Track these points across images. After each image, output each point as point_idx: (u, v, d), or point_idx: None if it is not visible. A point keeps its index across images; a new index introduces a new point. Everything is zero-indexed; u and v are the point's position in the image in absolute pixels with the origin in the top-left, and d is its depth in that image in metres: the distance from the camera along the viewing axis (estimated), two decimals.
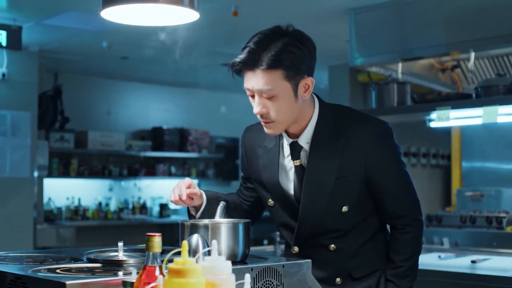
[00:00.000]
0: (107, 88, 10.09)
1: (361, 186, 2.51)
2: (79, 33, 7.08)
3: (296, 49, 2.40)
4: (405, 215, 2.57)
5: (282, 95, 2.40)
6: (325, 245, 2.57)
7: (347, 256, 2.57)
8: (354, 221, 2.56)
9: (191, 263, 1.49)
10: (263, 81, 2.38)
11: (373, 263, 2.61)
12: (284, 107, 2.42)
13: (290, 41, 2.41)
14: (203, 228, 2.25)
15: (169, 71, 9.50)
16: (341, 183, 2.48)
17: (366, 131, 2.50)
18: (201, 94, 11.01)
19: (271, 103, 2.42)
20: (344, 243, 2.57)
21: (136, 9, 2.49)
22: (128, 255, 2.36)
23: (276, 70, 2.37)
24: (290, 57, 2.38)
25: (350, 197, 2.51)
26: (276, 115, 2.43)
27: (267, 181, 2.62)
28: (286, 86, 2.39)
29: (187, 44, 7.60)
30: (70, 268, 2.16)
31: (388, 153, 2.55)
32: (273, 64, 2.36)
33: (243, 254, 2.29)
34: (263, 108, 2.43)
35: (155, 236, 1.70)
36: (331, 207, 2.51)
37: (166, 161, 10.53)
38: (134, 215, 10.04)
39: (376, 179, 2.52)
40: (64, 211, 9.36)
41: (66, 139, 9.22)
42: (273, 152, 2.61)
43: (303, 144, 2.54)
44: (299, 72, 2.41)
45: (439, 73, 5.57)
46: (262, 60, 2.37)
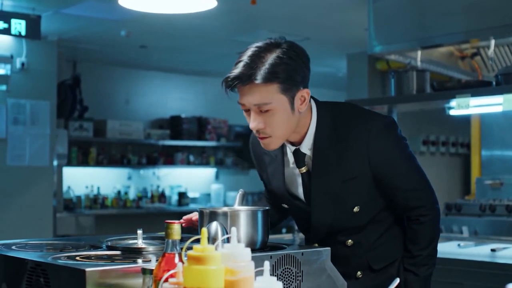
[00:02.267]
0: (126, 77, 10.12)
1: (369, 185, 2.48)
2: (98, 22, 7.10)
3: (291, 60, 2.35)
4: (418, 206, 2.54)
5: (278, 109, 2.34)
6: (343, 241, 2.56)
7: (366, 249, 2.57)
8: (368, 217, 2.55)
9: (211, 250, 1.49)
10: (259, 95, 2.33)
11: (392, 253, 2.60)
12: (281, 121, 2.37)
13: (284, 53, 2.35)
14: (222, 216, 2.25)
15: (187, 59, 9.51)
16: (348, 185, 2.46)
17: (366, 128, 2.45)
18: (219, 83, 10.93)
19: (267, 118, 2.36)
20: (361, 237, 2.56)
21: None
22: (147, 242, 2.36)
23: (272, 84, 2.31)
24: (285, 69, 2.32)
25: (360, 198, 2.49)
26: (273, 130, 2.38)
27: (276, 189, 2.63)
28: (282, 99, 2.34)
29: (205, 33, 7.61)
30: (90, 255, 2.17)
31: (392, 147, 2.50)
32: (268, 77, 2.30)
33: (262, 242, 2.29)
34: (259, 124, 2.37)
35: (174, 223, 1.70)
36: (342, 209, 2.50)
37: (185, 149, 10.54)
38: (153, 203, 10.08)
39: (384, 175, 2.48)
40: (83, 199, 9.41)
41: (85, 128, 9.25)
42: (278, 161, 2.59)
43: (305, 151, 2.50)
44: (295, 84, 2.35)
45: (458, 60, 5.54)
46: (257, 74, 2.30)
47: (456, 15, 5.42)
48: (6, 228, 7.21)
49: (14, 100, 7.42)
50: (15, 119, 7.44)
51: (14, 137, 7.42)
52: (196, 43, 8.35)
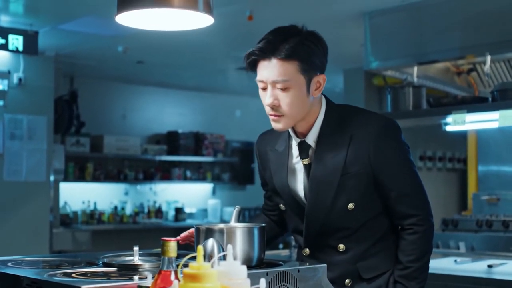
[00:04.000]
0: (123, 93, 10.13)
1: (367, 182, 2.50)
2: (95, 38, 7.11)
3: (312, 44, 2.46)
4: (412, 214, 2.53)
5: (295, 87, 2.43)
6: (334, 246, 2.56)
7: (357, 257, 2.56)
8: (362, 220, 2.54)
9: (206, 267, 1.49)
10: (279, 71, 2.42)
11: (383, 264, 2.58)
12: (296, 101, 2.45)
13: (306, 37, 2.46)
14: (218, 233, 2.25)
15: (184, 75, 9.52)
16: (346, 179, 2.48)
17: (371, 125, 2.51)
18: (217, 98, 11.03)
19: (283, 95, 2.44)
20: (353, 244, 2.55)
21: (151, 14, 2.49)
22: (144, 259, 2.36)
23: (292, 61, 2.41)
24: (306, 51, 2.43)
25: (356, 193, 2.50)
26: (287, 108, 2.45)
27: (277, 184, 2.65)
28: (300, 79, 2.43)
29: (202, 49, 7.63)
30: (86, 272, 2.17)
31: (394, 148, 2.53)
32: (290, 54, 2.40)
33: (258, 259, 2.29)
34: (275, 100, 2.45)
35: (170, 241, 1.70)
36: (337, 203, 2.50)
37: (182, 165, 10.54)
38: (149, 219, 10.06)
39: (382, 174, 2.50)
40: (80, 215, 9.39)
41: (82, 143, 9.25)
42: (283, 155, 2.63)
43: (310, 143, 2.55)
44: (313, 67, 2.46)
45: (454, 76, 5.55)
46: (279, 50, 2.41)
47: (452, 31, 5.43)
48: (2, 243, 7.19)
49: (11, 115, 7.42)
50: (12, 134, 7.44)
51: (11, 152, 7.41)
52: (193, 59, 8.37)
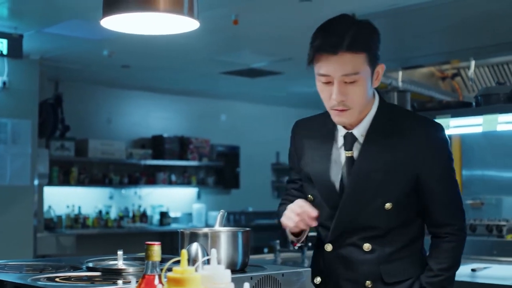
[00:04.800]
0: (108, 97, 10.11)
1: (408, 185, 2.45)
2: (80, 41, 7.10)
3: (373, 34, 2.40)
4: (450, 223, 2.50)
5: (363, 80, 2.36)
6: (360, 245, 2.49)
7: (381, 259, 2.48)
8: (394, 222, 2.48)
9: (190, 272, 1.49)
10: (349, 64, 2.33)
11: (407, 271, 2.52)
12: (362, 93, 2.38)
13: (366, 27, 2.40)
14: (202, 237, 2.25)
15: (169, 79, 9.52)
16: (391, 178, 2.42)
17: (424, 130, 2.46)
18: (202, 102, 11.03)
19: (352, 89, 2.36)
20: (380, 245, 2.48)
21: (136, 18, 2.49)
22: (128, 263, 2.35)
23: (361, 53, 2.33)
24: (370, 41, 2.37)
25: (396, 194, 2.44)
26: (354, 102, 2.38)
27: (315, 172, 2.55)
28: (367, 71, 2.37)
29: (187, 53, 7.63)
30: (70, 276, 2.16)
31: (442, 157, 2.49)
32: (358, 46, 2.32)
33: (242, 263, 2.29)
34: (343, 95, 2.36)
35: (154, 245, 1.70)
36: (375, 201, 2.44)
37: (167, 169, 10.53)
38: (134, 223, 10.04)
39: (428, 180, 2.45)
40: (64, 219, 9.36)
41: (67, 147, 9.22)
42: (327, 144, 2.54)
43: (358, 136, 2.48)
44: (377, 56, 2.40)
45: (439, 81, 5.57)
46: (346, 42, 2.31)
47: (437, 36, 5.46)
48: None
49: None
50: None
51: None
52: (178, 63, 8.36)
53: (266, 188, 11.98)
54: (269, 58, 7.95)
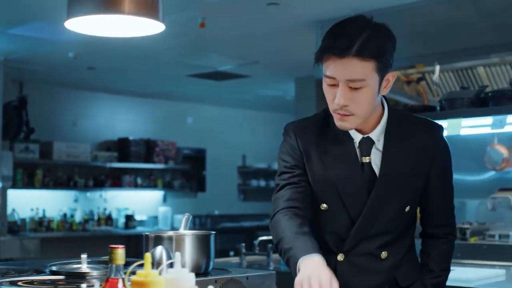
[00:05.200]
0: (73, 99, 10.03)
1: (422, 187, 2.45)
2: (45, 43, 7.04)
3: (386, 40, 2.28)
4: (448, 224, 2.53)
5: (369, 87, 2.25)
6: (377, 254, 2.43)
7: (395, 264, 2.46)
8: (404, 225, 2.47)
9: (154, 275, 1.48)
10: (355, 70, 2.22)
11: (414, 273, 2.51)
12: (368, 100, 2.28)
13: (381, 32, 2.28)
14: (167, 240, 2.24)
15: (136, 81, 9.48)
16: (411, 180, 2.41)
17: (433, 133, 2.45)
18: (168, 105, 11.00)
19: (356, 95, 2.25)
20: (394, 251, 2.45)
21: (101, 20, 2.48)
22: (92, 267, 2.34)
23: (370, 60, 2.21)
24: (382, 48, 2.24)
25: (414, 196, 2.44)
26: (358, 108, 2.28)
27: (342, 178, 2.40)
28: (375, 78, 2.25)
29: (153, 55, 7.60)
30: (33, 280, 2.14)
31: (448, 159, 2.50)
32: (368, 52, 2.21)
33: (207, 266, 2.29)
34: (347, 100, 2.25)
35: (118, 248, 1.69)
36: (396, 205, 2.42)
37: (132, 172, 10.48)
38: (99, 226, 9.97)
39: (435, 181, 2.45)
40: (28, 222, 9.27)
41: (31, 149, 9.14)
42: (348, 147, 2.41)
43: (375, 141, 2.40)
44: (388, 64, 2.28)
45: (404, 85, 5.61)
46: (356, 47, 2.20)
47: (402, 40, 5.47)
48: None
49: None
50: None
51: None
52: (144, 65, 8.33)
53: (232, 191, 11.97)
54: (236, 61, 7.95)
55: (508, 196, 4.86)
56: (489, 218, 5.04)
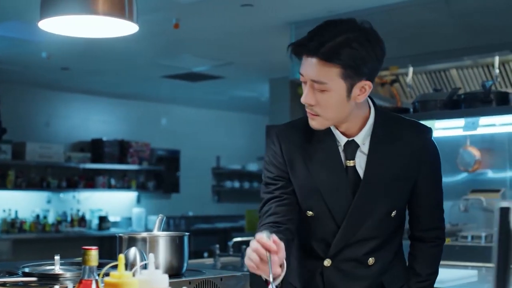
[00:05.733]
0: (47, 99, 9.97)
1: (409, 190, 2.42)
2: (18, 43, 7.00)
3: (362, 48, 2.19)
4: (437, 227, 2.50)
5: (333, 92, 2.22)
6: (363, 260, 2.41)
7: (382, 269, 2.44)
8: (391, 229, 2.44)
9: (128, 277, 1.48)
10: (317, 72, 2.20)
11: (401, 277, 2.49)
12: (333, 105, 2.25)
13: (359, 38, 2.20)
14: (141, 241, 2.24)
15: (109, 82, 9.44)
16: (395, 185, 2.38)
17: (420, 135, 2.42)
18: (142, 106, 10.97)
19: (320, 96, 2.24)
20: (380, 256, 2.43)
21: (74, 20, 2.47)
22: (65, 268, 2.33)
23: (333, 66, 2.18)
24: (353, 56, 2.18)
25: (400, 200, 2.42)
26: (323, 110, 2.26)
27: (326, 182, 2.37)
28: (340, 84, 2.21)
29: (127, 56, 7.58)
30: (5, 282, 2.12)
31: (437, 162, 2.48)
32: (331, 57, 2.17)
33: (180, 267, 2.29)
34: (310, 100, 2.25)
35: (91, 250, 1.68)
36: (382, 210, 2.38)
37: (106, 173, 10.43)
38: (72, 227, 9.92)
39: (424, 184, 2.42)
40: (1, 223, 9.20)
41: (3, 150, 9.07)
42: (332, 151, 2.38)
43: (360, 144, 2.37)
44: (358, 73, 2.21)
45: (378, 87, 5.64)
46: (322, 49, 2.17)
47: None
48: None
49: None
50: None
51: None
52: (118, 66, 8.30)
53: (206, 193, 11.96)
54: (210, 62, 7.95)
55: (480, 198, 4.90)
56: (461, 219, 5.08)
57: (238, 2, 5.48)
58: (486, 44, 4.96)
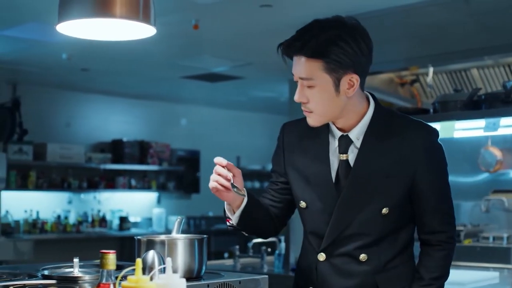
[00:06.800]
0: (67, 100, 10.01)
1: (404, 190, 2.42)
2: (39, 44, 7.03)
3: (344, 44, 2.30)
4: (442, 231, 2.47)
5: (321, 87, 2.34)
6: (355, 254, 2.44)
7: (377, 269, 2.44)
8: (389, 228, 2.44)
9: (145, 281, 1.48)
10: (303, 69, 2.34)
11: (401, 280, 2.48)
12: (323, 100, 2.36)
13: (341, 35, 2.31)
14: (159, 244, 2.24)
15: (129, 83, 9.47)
16: (389, 181, 2.40)
17: (421, 134, 2.43)
18: (162, 107, 10.99)
19: (310, 93, 2.36)
20: (375, 254, 2.44)
21: (92, 24, 2.47)
22: (84, 271, 2.33)
23: (316, 60, 2.31)
24: (334, 50, 2.30)
25: (393, 198, 2.40)
26: (315, 106, 2.38)
27: (316, 174, 2.48)
28: (326, 78, 2.33)
29: (147, 57, 7.60)
30: (24, 285, 2.13)
31: (439, 162, 2.47)
32: (314, 54, 2.31)
33: (199, 270, 2.28)
34: (301, 97, 2.39)
35: (109, 254, 1.69)
36: (372, 205, 2.41)
37: (126, 173, 10.46)
38: (93, 228, 9.96)
39: (423, 184, 2.42)
40: (22, 224, 9.25)
41: (25, 151, 9.11)
42: (323, 145, 2.50)
43: (354, 140, 2.44)
44: (342, 66, 2.31)
45: (398, 87, 5.62)
46: (305, 48, 2.32)
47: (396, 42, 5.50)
48: None
49: None
50: None
51: None
52: (138, 67, 8.32)
53: None
54: (229, 62, 7.95)
55: (502, 198, 4.87)
56: (483, 220, 5.05)
57: (257, 2, 5.47)
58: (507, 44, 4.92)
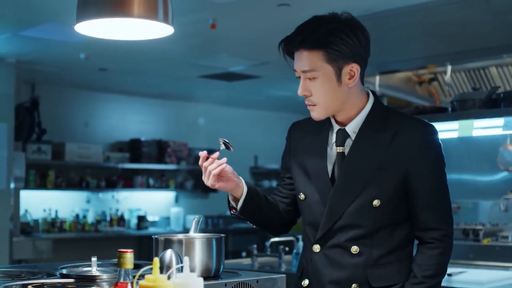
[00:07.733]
0: (85, 100, 10.05)
1: (397, 184, 2.43)
2: (57, 44, 7.05)
3: (343, 35, 2.41)
4: (436, 228, 2.46)
5: (323, 77, 2.42)
6: (347, 247, 2.46)
7: (369, 262, 2.45)
8: (380, 223, 2.45)
9: (162, 280, 1.48)
10: (305, 62, 2.42)
11: (394, 276, 2.48)
12: (326, 91, 2.43)
13: (339, 27, 2.42)
14: (177, 243, 2.24)
15: (147, 82, 9.48)
16: (380, 174, 2.43)
17: (417, 129, 2.46)
18: (180, 106, 11.01)
19: (312, 85, 2.43)
20: (368, 248, 2.45)
21: (110, 23, 2.48)
22: (102, 270, 2.34)
23: (317, 51, 2.39)
24: (334, 41, 2.39)
25: (385, 191, 2.43)
26: (318, 98, 2.45)
27: (314, 167, 2.56)
28: (327, 68, 2.41)
29: (165, 56, 7.61)
30: (43, 284, 2.14)
31: (433, 158, 2.48)
32: (315, 45, 2.39)
33: (217, 269, 2.29)
34: (305, 91, 2.46)
35: (127, 253, 1.69)
36: (364, 197, 2.43)
37: (144, 173, 10.49)
38: (111, 227, 9.99)
39: (415, 179, 2.43)
40: (41, 223, 9.29)
41: (43, 150, 9.16)
42: (322, 140, 2.58)
43: (350, 133, 2.51)
44: (342, 56, 2.40)
45: (416, 86, 5.60)
46: (306, 41, 2.40)
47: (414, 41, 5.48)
48: None
49: None
50: None
51: None
52: (156, 66, 8.34)
53: None
54: (247, 62, 7.95)
55: None
56: (502, 219, 5.03)
57: (274, 1, 5.47)
58: None
